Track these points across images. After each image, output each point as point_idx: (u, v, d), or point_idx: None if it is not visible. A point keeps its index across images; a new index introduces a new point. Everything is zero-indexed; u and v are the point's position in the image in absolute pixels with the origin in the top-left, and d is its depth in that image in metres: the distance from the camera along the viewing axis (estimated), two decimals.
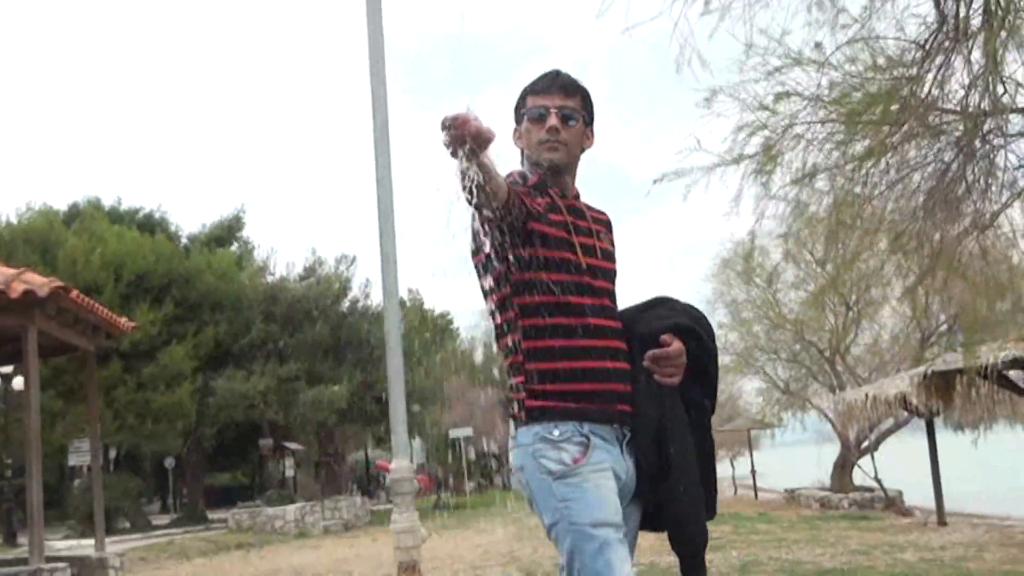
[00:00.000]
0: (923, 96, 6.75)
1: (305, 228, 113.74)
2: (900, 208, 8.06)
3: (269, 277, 37.57)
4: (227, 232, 39.60)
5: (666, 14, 6.90)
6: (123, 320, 15.55)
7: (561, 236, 3.13)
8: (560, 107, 3.26)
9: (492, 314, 3.23)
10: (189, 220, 72.53)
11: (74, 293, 13.73)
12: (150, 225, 36.23)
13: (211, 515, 35.22)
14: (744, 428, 35.07)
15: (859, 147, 7.37)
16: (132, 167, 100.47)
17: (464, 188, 2.72)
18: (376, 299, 39.98)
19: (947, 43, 7.11)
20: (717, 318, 28.73)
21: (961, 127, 7.58)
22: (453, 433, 43.01)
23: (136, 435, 31.97)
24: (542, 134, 3.24)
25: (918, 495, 24.51)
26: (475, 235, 3.00)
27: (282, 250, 73.47)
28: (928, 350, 27.00)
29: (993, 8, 6.88)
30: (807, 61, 7.18)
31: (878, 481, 24.06)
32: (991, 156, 7.35)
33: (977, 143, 7.41)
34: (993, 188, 7.78)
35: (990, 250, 8.73)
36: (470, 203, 2.77)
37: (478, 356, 64.42)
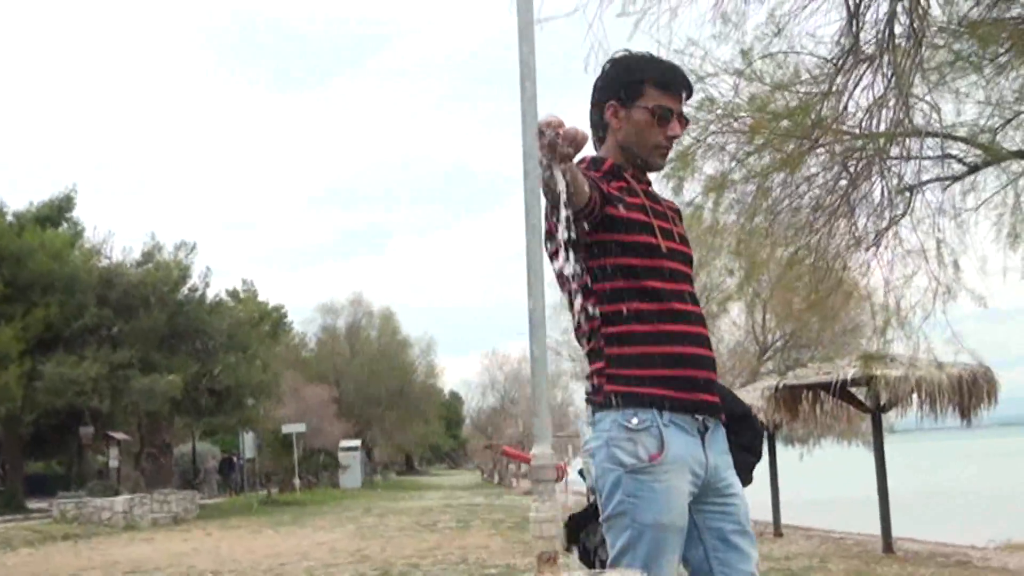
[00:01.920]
0: (839, 111, 6.93)
1: (143, 213, 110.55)
2: (796, 222, 8.26)
3: (105, 261, 36.17)
4: (56, 212, 37.83)
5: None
6: None
7: (638, 219, 3.05)
8: (681, 112, 3.17)
9: (570, 302, 3.10)
10: (15, 197, 69.09)
11: None
12: None
13: (29, 504, 33.70)
14: (576, 434, 35.31)
15: (768, 159, 7.52)
16: None
17: (548, 196, 2.62)
18: (215, 288, 39.08)
19: (858, 64, 7.33)
20: (561, 325, 28.93)
21: (859, 144, 7.83)
22: (286, 428, 42.55)
23: None
24: (661, 139, 3.13)
25: None
26: (549, 222, 2.88)
27: (119, 234, 70.98)
28: (764, 364, 27.98)
29: (903, 32, 7.13)
30: (728, 70, 7.29)
31: None
32: (898, 174, 7.60)
33: (877, 162, 7.65)
34: (886, 205, 8.05)
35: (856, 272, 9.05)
36: (552, 206, 2.65)
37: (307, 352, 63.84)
